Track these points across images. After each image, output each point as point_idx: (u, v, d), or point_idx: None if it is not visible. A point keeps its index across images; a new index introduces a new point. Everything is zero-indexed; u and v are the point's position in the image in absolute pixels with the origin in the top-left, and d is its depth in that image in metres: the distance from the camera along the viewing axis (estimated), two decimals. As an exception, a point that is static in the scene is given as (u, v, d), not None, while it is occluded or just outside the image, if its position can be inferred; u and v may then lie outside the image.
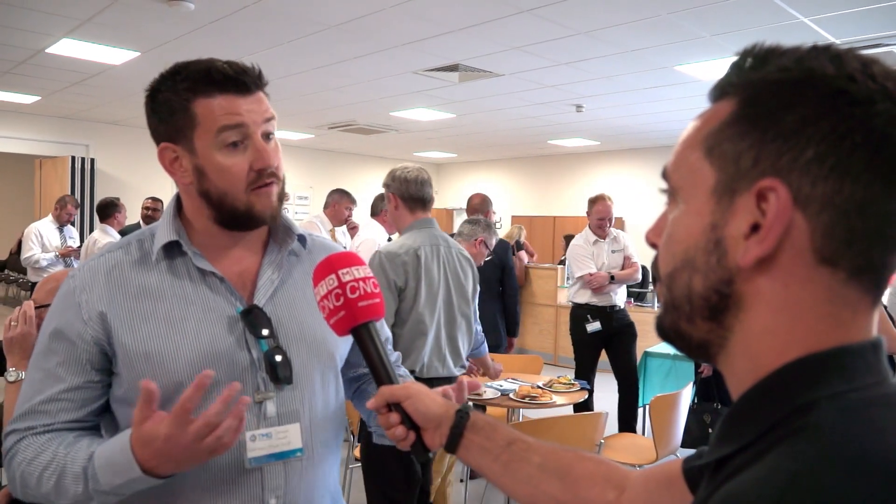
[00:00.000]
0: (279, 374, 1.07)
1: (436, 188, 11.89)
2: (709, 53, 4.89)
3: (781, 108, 0.52)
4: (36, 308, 2.04)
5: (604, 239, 4.85)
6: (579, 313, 4.80)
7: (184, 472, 0.97)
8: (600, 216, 4.84)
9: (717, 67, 5.21)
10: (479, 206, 4.72)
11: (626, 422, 4.53)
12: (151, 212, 6.32)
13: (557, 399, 3.38)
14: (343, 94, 6.73)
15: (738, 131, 0.54)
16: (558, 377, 3.73)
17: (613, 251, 4.82)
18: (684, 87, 5.95)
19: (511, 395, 3.29)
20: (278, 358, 1.07)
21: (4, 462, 1.05)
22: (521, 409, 3.48)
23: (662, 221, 0.62)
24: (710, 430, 3.69)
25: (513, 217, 11.31)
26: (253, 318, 1.08)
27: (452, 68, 5.57)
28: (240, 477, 1.05)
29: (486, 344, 3.49)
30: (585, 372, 4.72)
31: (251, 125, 1.04)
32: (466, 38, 4.72)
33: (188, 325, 1.05)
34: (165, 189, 9.13)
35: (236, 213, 1.06)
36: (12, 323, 1.98)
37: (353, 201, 5.22)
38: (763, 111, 0.53)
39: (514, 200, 11.84)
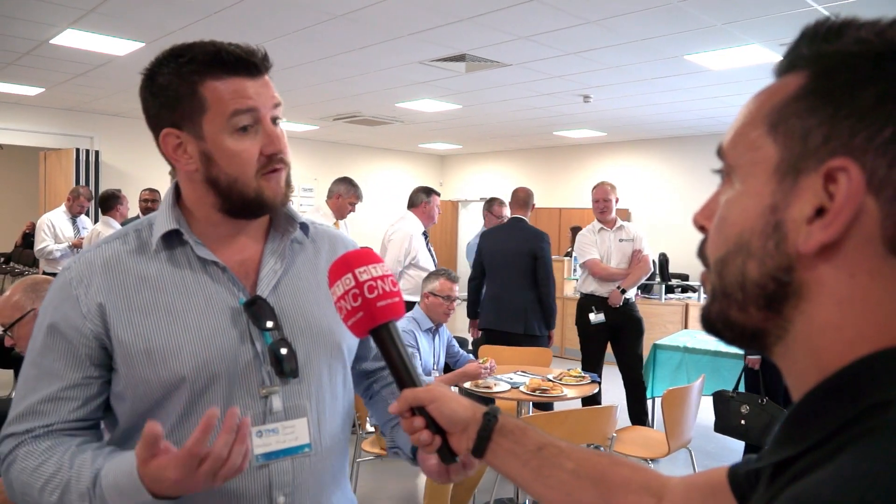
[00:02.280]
0: (284, 368, 1.03)
1: (440, 180, 11.80)
2: (720, 42, 4.82)
3: (858, 82, 0.47)
4: (7, 329, 2.02)
5: (610, 228, 4.79)
6: (584, 304, 4.76)
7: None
8: (596, 198, 4.81)
9: (729, 57, 5.15)
10: (525, 199, 4.69)
11: (637, 416, 4.50)
12: (150, 203, 6.29)
13: (568, 392, 3.35)
14: (349, 84, 6.68)
15: (808, 106, 0.49)
16: (568, 370, 3.70)
17: (621, 240, 4.74)
18: (694, 76, 5.89)
19: (521, 388, 3.26)
20: (283, 350, 1.03)
21: (3, 468, 1.01)
22: (530, 403, 3.45)
23: (713, 203, 0.57)
24: (742, 421, 3.66)
25: (518, 209, 11.27)
26: (256, 309, 1.04)
27: (460, 58, 5.52)
28: (247, 474, 1.01)
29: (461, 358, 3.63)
30: (592, 364, 4.67)
31: (261, 109, 1.00)
32: (474, 28, 4.67)
33: (190, 318, 1.01)
34: (169, 181, 9.10)
35: (245, 199, 1.02)
36: None
37: (359, 196, 4.90)
38: (837, 85, 0.48)
39: (519, 192, 11.79)
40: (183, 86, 0.99)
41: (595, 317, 4.65)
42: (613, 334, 4.72)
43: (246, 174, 1.01)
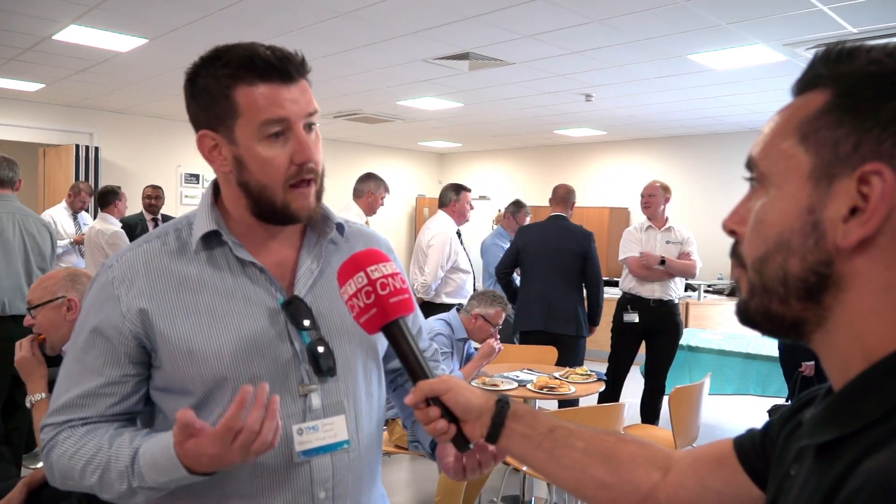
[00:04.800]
0: (322, 366, 1.05)
1: (439, 178, 11.75)
2: (723, 42, 4.83)
3: (879, 97, 0.54)
4: (33, 308, 2.01)
5: (658, 228, 4.65)
6: (620, 302, 4.65)
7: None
8: (641, 193, 4.71)
9: (732, 56, 5.16)
10: (566, 197, 4.65)
11: (649, 416, 4.47)
12: (153, 200, 6.27)
13: (575, 390, 3.36)
14: (351, 82, 6.68)
15: (835, 119, 0.56)
16: (574, 367, 3.72)
17: (668, 242, 4.59)
18: (696, 76, 5.90)
19: (528, 386, 3.27)
20: (321, 349, 1.05)
21: (44, 455, 1.04)
22: (537, 400, 3.46)
23: (743, 208, 0.63)
24: None
25: (517, 207, 11.28)
26: (294, 309, 1.06)
27: (463, 56, 5.52)
28: (289, 471, 1.03)
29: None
30: (616, 362, 4.59)
31: (293, 117, 1.00)
32: (478, 26, 4.67)
33: (230, 319, 1.03)
34: (169, 177, 9.08)
35: (273, 208, 1.04)
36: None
37: (388, 189, 4.81)
38: (861, 100, 0.55)
39: (518, 191, 11.80)
40: (218, 90, 1.00)
41: (628, 316, 4.53)
42: (648, 335, 4.61)
43: (275, 182, 1.02)
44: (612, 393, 4.43)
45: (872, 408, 0.52)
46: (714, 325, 6.60)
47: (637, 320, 4.52)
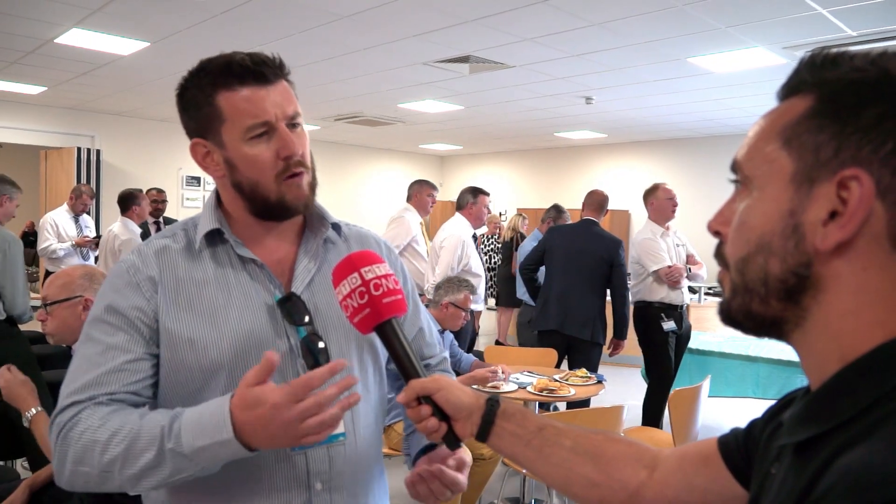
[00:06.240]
0: (320, 360, 1.06)
1: (440, 181, 11.78)
2: (723, 45, 4.85)
3: (860, 104, 0.55)
4: (49, 304, 2.01)
5: (668, 232, 4.52)
6: (652, 312, 4.37)
7: (272, 448, 0.95)
8: (669, 196, 4.44)
9: (731, 59, 5.18)
10: (602, 203, 4.52)
11: (651, 418, 4.44)
12: (160, 203, 6.28)
13: (575, 392, 3.37)
14: (352, 85, 6.70)
15: (817, 124, 0.57)
16: (574, 370, 3.73)
17: (678, 245, 4.52)
18: (696, 79, 5.92)
19: (528, 389, 3.28)
20: (319, 344, 1.07)
21: (59, 438, 0.98)
22: (537, 402, 3.46)
23: (728, 210, 0.64)
24: None
25: (518, 210, 11.30)
26: (291, 305, 1.09)
27: (464, 59, 5.54)
28: (284, 462, 1.06)
29: (465, 359, 3.61)
30: (669, 374, 4.38)
31: (273, 118, 1.04)
32: (479, 30, 4.69)
33: (230, 313, 1.07)
34: (171, 180, 9.10)
35: (268, 203, 1.07)
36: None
37: (434, 187, 4.95)
38: (843, 107, 0.56)
39: (518, 193, 11.84)
40: (202, 98, 1.05)
41: (667, 325, 4.38)
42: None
43: (265, 177, 1.06)
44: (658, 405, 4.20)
45: (847, 407, 0.53)
46: (714, 327, 6.60)
47: (675, 327, 4.37)
